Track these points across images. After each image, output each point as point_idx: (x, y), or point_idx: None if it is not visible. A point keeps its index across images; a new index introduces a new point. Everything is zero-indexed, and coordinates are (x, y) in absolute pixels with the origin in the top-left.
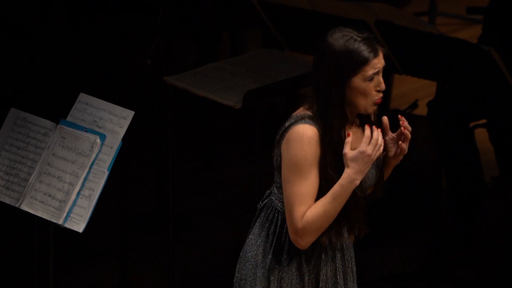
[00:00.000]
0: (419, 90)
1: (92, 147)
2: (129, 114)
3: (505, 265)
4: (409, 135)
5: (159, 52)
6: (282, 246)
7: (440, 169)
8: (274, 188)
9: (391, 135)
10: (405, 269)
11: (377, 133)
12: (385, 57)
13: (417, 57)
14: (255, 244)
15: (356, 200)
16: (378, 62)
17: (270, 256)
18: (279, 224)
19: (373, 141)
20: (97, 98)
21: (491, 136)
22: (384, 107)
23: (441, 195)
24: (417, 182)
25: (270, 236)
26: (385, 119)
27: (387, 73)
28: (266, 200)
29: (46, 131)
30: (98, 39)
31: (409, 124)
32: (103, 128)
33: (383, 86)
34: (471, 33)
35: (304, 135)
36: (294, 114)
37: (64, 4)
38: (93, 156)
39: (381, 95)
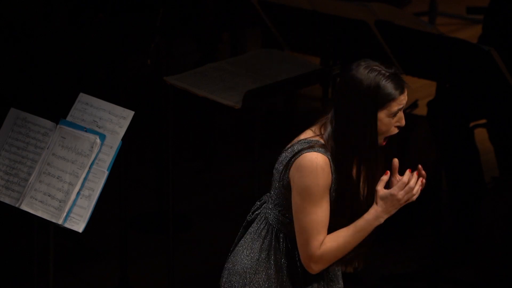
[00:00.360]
0: (419, 90)
1: (92, 147)
2: (129, 114)
3: (505, 265)
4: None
5: (159, 52)
6: (280, 266)
7: (440, 169)
8: (270, 204)
9: (398, 177)
10: (405, 269)
11: (414, 181)
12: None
13: (417, 57)
14: (245, 258)
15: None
16: (404, 99)
17: (263, 275)
18: (273, 242)
19: (407, 188)
20: (97, 98)
21: (491, 136)
22: None
23: (441, 195)
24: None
25: (264, 253)
26: (395, 161)
27: None
28: (258, 212)
29: (46, 131)
30: (98, 39)
31: (409, 124)
32: (103, 128)
33: (403, 122)
34: (471, 33)
35: (317, 164)
36: (303, 136)
37: (64, 4)
38: (93, 156)
39: (397, 131)
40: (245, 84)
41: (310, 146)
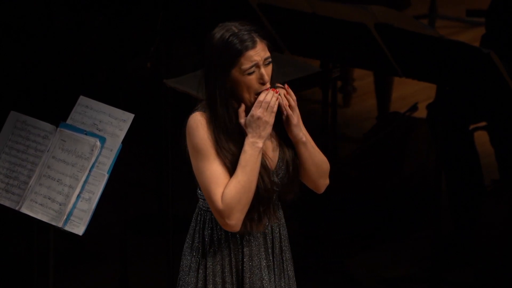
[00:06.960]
0: (419, 92)
1: (92, 150)
2: (129, 116)
3: (505, 268)
4: (292, 103)
5: (159, 55)
6: (204, 238)
7: (440, 171)
8: None
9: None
10: (405, 272)
11: (271, 95)
12: (277, 50)
13: (417, 60)
14: (186, 241)
15: (264, 191)
16: (255, 55)
17: (194, 252)
18: (200, 219)
19: (264, 104)
20: (97, 100)
21: (491, 138)
22: (383, 110)
23: (441, 198)
24: (417, 184)
25: (197, 233)
26: (286, 88)
27: (387, 76)
28: None
29: (46, 134)
30: (98, 41)
31: (409, 126)
32: (103, 131)
33: (266, 79)
34: (471, 36)
35: (196, 121)
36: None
37: (65, 6)
38: (93, 159)
39: (266, 86)
40: None
41: (193, 110)
